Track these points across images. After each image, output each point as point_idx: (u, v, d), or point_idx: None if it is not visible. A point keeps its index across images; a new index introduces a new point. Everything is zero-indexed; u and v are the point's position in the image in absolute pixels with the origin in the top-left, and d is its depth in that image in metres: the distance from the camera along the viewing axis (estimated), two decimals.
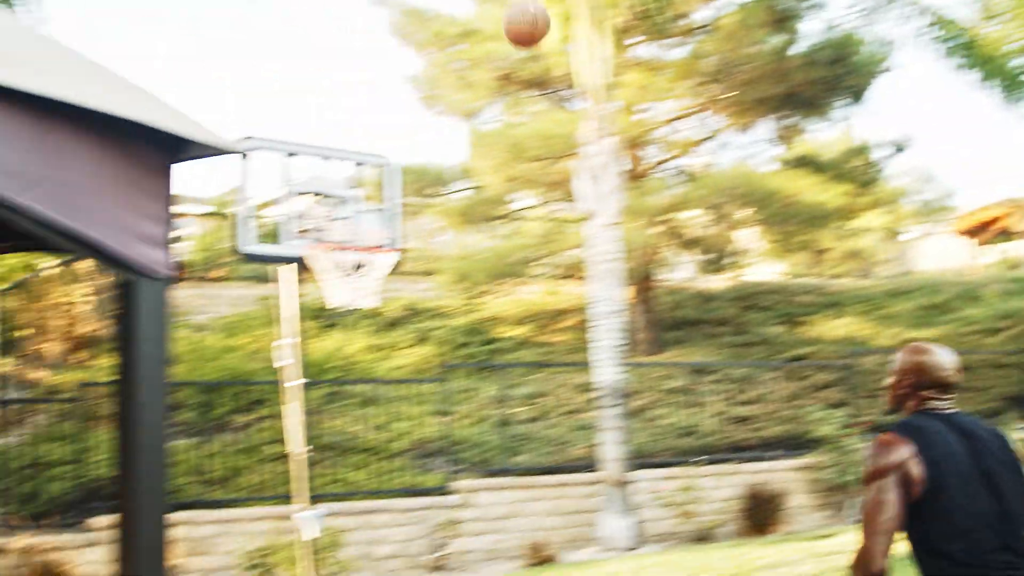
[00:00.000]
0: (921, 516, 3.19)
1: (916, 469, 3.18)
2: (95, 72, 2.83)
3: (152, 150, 2.86)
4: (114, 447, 2.82)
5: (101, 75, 2.83)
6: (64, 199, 2.57)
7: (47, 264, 15.39)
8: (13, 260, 15.61)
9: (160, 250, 2.82)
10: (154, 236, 2.81)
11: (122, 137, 2.76)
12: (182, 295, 17.77)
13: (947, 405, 3.42)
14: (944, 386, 3.41)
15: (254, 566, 9.73)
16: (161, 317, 2.81)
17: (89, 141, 2.68)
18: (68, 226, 2.58)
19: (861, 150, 20.23)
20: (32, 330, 14.66)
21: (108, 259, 2.71)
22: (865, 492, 3.24)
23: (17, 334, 14.38)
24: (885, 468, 3.19)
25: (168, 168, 2.91)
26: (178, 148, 2.96)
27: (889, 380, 3.57)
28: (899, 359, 3.53)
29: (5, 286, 14.57)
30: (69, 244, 2.62)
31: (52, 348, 14.72)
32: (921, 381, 3.42)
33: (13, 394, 13.25)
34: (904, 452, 3.20)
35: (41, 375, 13.90)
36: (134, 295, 2.74)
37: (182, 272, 19.11)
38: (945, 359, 3.44)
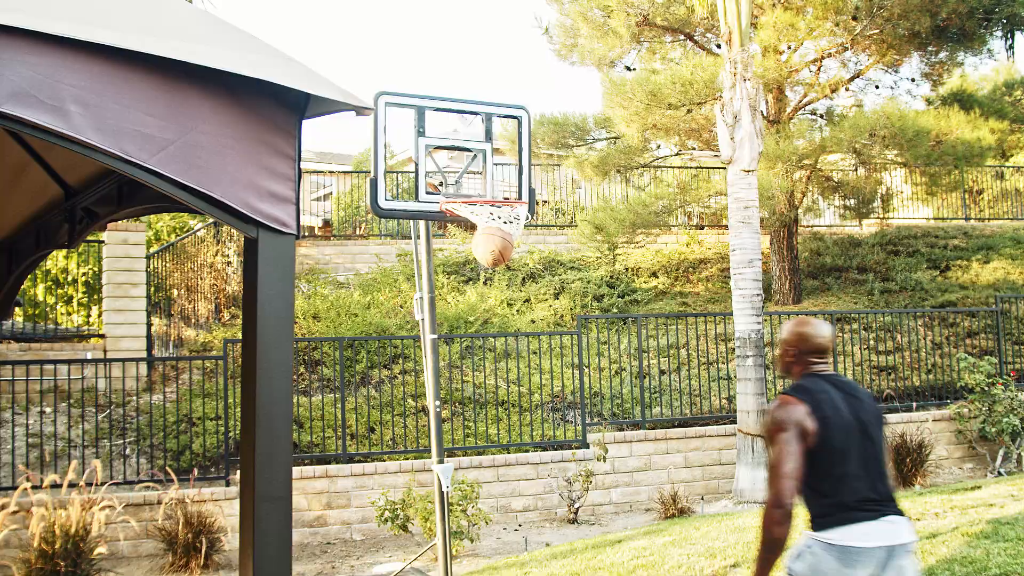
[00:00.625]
0: (812, 463, 3.77)
1: (810, 424, 3.77)
2: (224, 32, 2.89)
3: (280, 108, 2.91)
4: (242, 400, 2.90)
5: (230, 35, 2.88)
6: (191, 160, 2.65)
7: (196, 226, 15.98)
8: (162, 223, 16.28)
9: (285, 207, 2.88)
10: (279, 193, 2.87)
11: (250, 96, 2.82)
12: (325, 252, 18.25)
13: (826, 368, 4.09)
14: (822, 351, 4.09)
15: (390, 519, 9.97)
16: (285, 272, 2.86)
17: (217, 101, 2.75)
18: (194, 186, 2.66)
19: (1020, 84, 19.18)
20: (182, 290, 15.26)
21: (233, 216, 2.77)
22: (771, 446, 3.81)
23: (168, 294, 14.99)
24: (786, 424, 3.77)
25: (296, 126, 2.96)
26: (307, 105, 2.99)
27: (778, 351, 4.22)
28: (784, 332, 4.21)
29: (156, 248, 15.19)
30: (196, 203, 2.70)
31: (201, 307, 15.29)
32: (803, 348, 4.10)
33: (163, 352, 13.85)
34: (801, 410, 3.79)
35: (190, 334, 14.47)
36: (259, 251, 2.80)
37: (326, 230, 19.59)
38: (822, 329, 4.13)
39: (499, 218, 7.39)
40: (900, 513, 3.87)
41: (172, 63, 2.62)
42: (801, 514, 3.87)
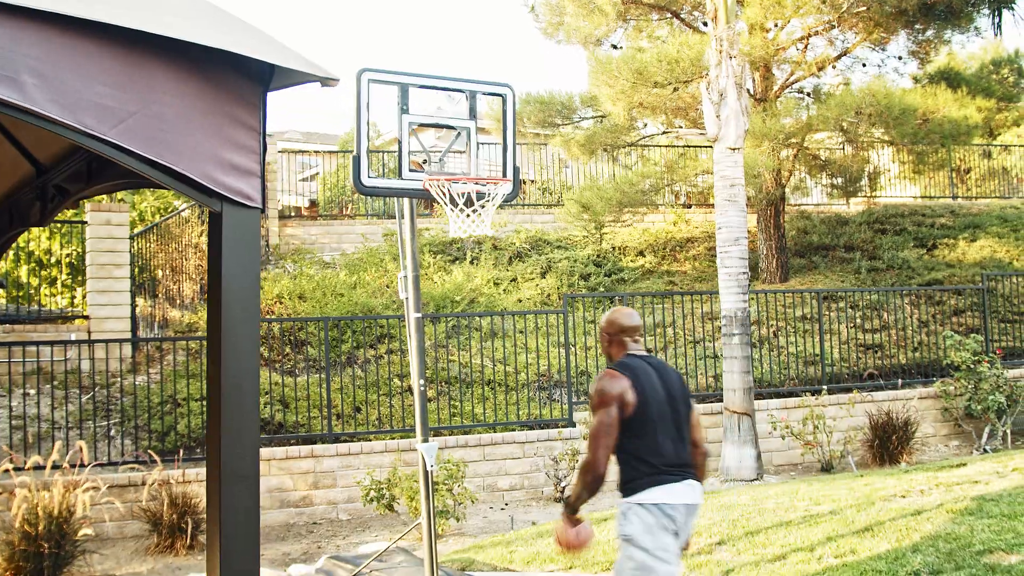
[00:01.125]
0: (629, 432, 4.31)
1: (631, 396, 4.29)
2: (186, 2, 2.82)
3: (243, 79, 2.85)
4: (208, 377, 2.85)
5: (191, 5, 2.82)
6: (153, 132, 2.59)
7: (181, 206, 15.88)
8: (146, 204, 16.15)
9: (250, 180, 2.82)
10: (244, 166, 2.81)
11: (212, 67, 2.76)
12: (311, 232, 18.18)
13: (640, 348, 4.59)
14: (632, 332, 4.58)
15: (376, 498, 9.95)
16: (250, 247, 2.81)
17: (179, 72, 2.68)
18: (156, 159, 2.59)
19: (1007, 62, 19.14)
20: (166, 271, 15.16)
21: (196, 190, 2.72)
22: (594, 414, 4.34)
23: (152, 275, 14.90)
24: (610, 397, 4.29)
25: (260, 97, 2.89)
26: (271, 77, 2.93)
27: (600, 339, 4.75)
28: (601, 321, 4.70)
29: (140, 229, 15.08)
30: (158, 176, 2.64)
31: (186, 288, 15.20)
32: (615, 331, 4.59)
33: (148, 334, 13.77)
34: (624, 383, 4.31)
35: (175, 315, 14.39)
36: (223, 225, 2.74)
37: (312, 210, 19.50)
38: (630, 314, 4.66)
39: (466, 213, 7.33)
40: (696, 478, 4.50)
41: (132, 33, 2.56)
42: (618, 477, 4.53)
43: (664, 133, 18.62)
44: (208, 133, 2.72)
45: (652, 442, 4.34)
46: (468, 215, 7.53)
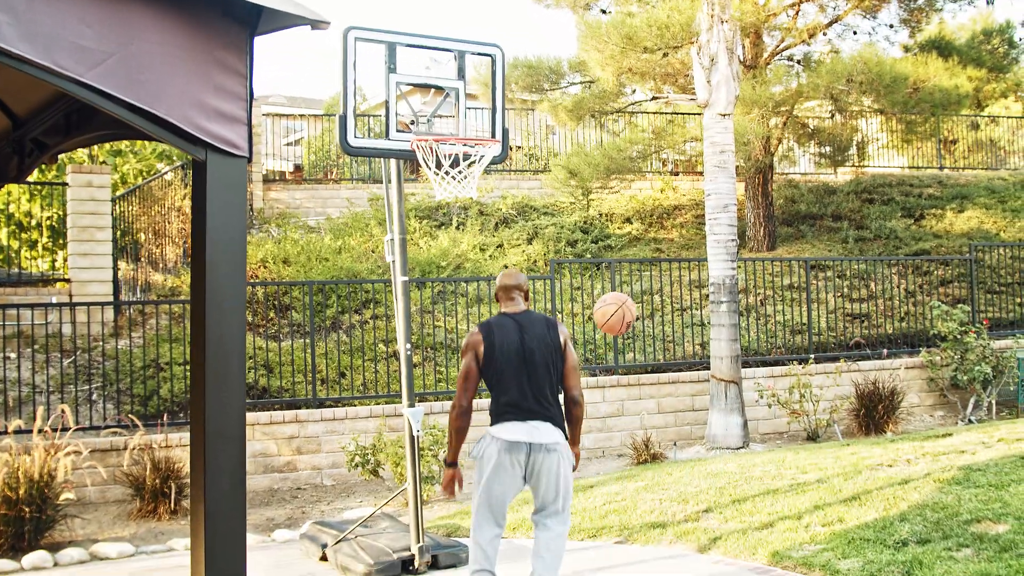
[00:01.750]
0: (486, 377, 5.23)
1: (481, 349, 5.20)
2: None
3: (229, 22, 2.71)
4: (192, 335, 2.73)
5: None
6: (133, 75, 2.46)
7: (163, 169, 15.66)
8: (128, 166, 15.92)
9: (236, 127, 2.69)
10: (229, 113, 2.68)
11: (196, 8, 2.62)
12: (296, 197, 18.00)
13: (515, 307, 5.40)
14: (509, 292, 5.43)
15: (361, 464, 9.88)
16: (236, 198, 2.68)
17: (161, 13, 2.55)
18: (135, 103, 2.46)
19: (998, 32, 19.02)
20: (149, 234, 14.97)
21: (179, 136, 2.59)
22: (461, 360, 5.28)
23: (134, 238, 14.70)
24: (467, 348, 5.25)
25: (247, 41, 2.76)
26: (258, 20, 2.79)
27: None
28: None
29: (122, 191, 14.87)
30: (138, 121, 2.51)
31: (168, 252, 15.02)
32: (498, 290, 5.48)
33: (131, 297, 13.60)
34: (477, 338, 5.23)
35: (158, 278, 14.22)
36: (207, 174, 2.61)
37: (297, 174, 19.30)
38: (513, 275, 5.47)
39: (451, 175, 7.20)
40: (547, 420, 5.19)
41: None
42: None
43: (653, 99, 18.44)
44: (192, 77, 2.58)
45: (501, 387, 5.19)
46: (454, 177, 7.44)
